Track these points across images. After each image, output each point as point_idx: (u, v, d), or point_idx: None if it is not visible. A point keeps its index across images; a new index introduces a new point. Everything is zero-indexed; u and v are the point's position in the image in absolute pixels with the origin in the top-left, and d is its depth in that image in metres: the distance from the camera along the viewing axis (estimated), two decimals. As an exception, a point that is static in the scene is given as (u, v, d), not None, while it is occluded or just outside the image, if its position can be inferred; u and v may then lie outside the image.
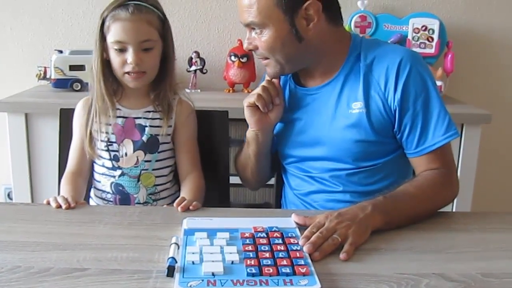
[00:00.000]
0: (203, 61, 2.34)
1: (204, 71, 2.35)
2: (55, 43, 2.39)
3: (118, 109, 1.34)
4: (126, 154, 1.33)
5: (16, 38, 2.41)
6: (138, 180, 1.34)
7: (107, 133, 1.33)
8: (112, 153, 1.34)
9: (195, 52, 2.33)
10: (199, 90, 2.34)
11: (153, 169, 1.35)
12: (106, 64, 1.31)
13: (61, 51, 2.20)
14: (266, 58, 1.22)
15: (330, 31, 1.20)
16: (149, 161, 1.34)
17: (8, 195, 2.43)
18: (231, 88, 2.35)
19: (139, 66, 1.27)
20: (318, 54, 1.21)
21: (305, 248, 0.91)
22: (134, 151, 1.33)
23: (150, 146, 1.34)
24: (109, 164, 1.34)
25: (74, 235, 0.97)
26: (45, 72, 2.26)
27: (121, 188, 1.35)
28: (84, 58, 2.16)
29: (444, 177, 1.16)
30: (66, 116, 1.43)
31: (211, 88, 2.42)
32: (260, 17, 1.15)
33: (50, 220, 1.05)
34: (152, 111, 1.35)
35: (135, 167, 1.34)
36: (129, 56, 1.26)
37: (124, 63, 1.27)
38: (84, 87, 2.16)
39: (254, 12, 1.15)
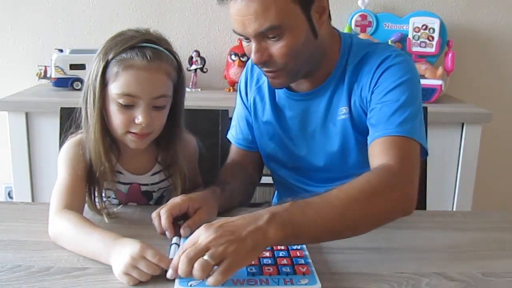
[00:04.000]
0: (203, 60, 2.34)
1: (205, 70, 2.35)
2: (56, 42, 2.38)
3: (120, 172, 1.11)
4: None
5: (16, 37, 2.41)
6: None
7: (108, 197, 1.13)
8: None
9: (196, 51, 2.33)
10: (199, 89, 2.34)
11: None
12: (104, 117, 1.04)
13: (61, 50, 2.20)
14: (279, 70, 1.08)
15: (330, 27, 1.14)
16: None
17: (9, 194, 2.43)
18: (231, 87, 2.35)
19: (148, 127, 1.02)
20: (322, 53, 1.12)
21: (167, 274, 0.78)
22: None
23: (157, 205, 1.10)
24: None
25: (74, 234, 0.97)
26: (45, 71, 2.26)
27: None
28: (84, 57, 2.16)
29: (393, 176, 0.94)
30: (66, 115, 1.42)
31: (212, 87, 2.42)
32: (280, 19, 1.00)
33: (50, 219, 1.05)
34: (159, 172, 1.14)
35: None
36: (139, 114, 1.01)
37: (130, 122, 1.02)
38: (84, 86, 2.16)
39: (272, 15, 1.00)
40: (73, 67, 2.16)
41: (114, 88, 1.01)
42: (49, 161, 1.94)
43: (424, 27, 2.27)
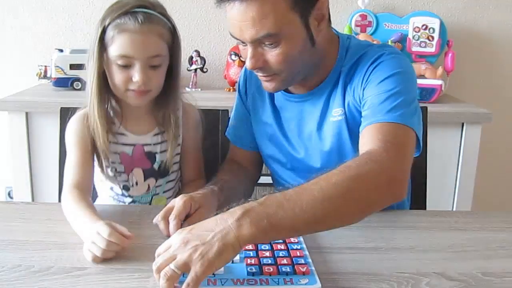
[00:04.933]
0: (203, 60, 2.34)
1: (205, 70, 2.35)
2: (56, 42, 2.39)
3: (123, 134, 1.21)
4: (136, 183, 1.24)
5: (16, 37, 2.41)
6: (150, 204, 1.27)
7: (113, 162, 1.21)
8: (122, 183, 1.24)
9: (196, 51, 2.33)
10: (199, 89, 2.34)
11: (164, 191, 1.28)
12: (103, 79, 1.15)
13: (61, 50, 2.20)
14: (273, 75, 1.07)
15: (329, 33, 1.12)
16: (160, 185, 1.26)
17: (9, 194, 2.43)
18: (231, 87, 2.35)
19: (146, 84, 1.12)
20: (319, 58, 1.11)
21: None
22: (145, 179, 1.24)
23: (161, 171, 1.25)
24: (118, 190, 1.25)
25: (74, 234, 0.97)
26: (45, 71, 2.27)
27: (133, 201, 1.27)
28: (84, 57, 2.11)
29: (375, 160, 0.89)
30: (66, 115, 1.42)
31: (212, 87, 2.42)
32: (278, 26, 0.99)
33: (50, 219, 1.05)
34: (160, 133, 1.23)
35: (146, 193, 1.26)
36: (136, 73, 1.11)
37: (129, 80, 1.12)
38: (84, 86, 2.15)
39: (269, 22, 0.98)
40: (73, 67, 2.16)
41: (112, 51, 1.11)
42: (49, 161, 1.94)
43: (424, 27, 2.27)
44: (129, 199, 1.26)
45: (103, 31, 1.12)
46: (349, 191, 0.83)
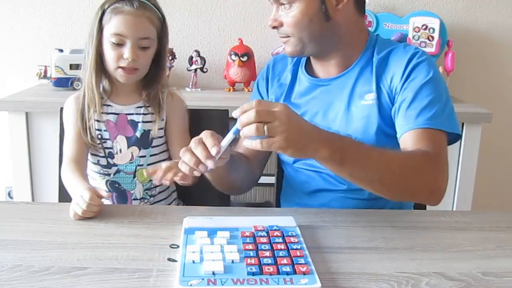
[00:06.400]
0: (203, 60, 2.34)
1: (205, 70, 2.35)
2: (56, 42, 2.39)
3: (109, 105, 1.34)
4: (120, 151, 1.34)
5: (16, 37, 2.41)
6: (134, 176, 1.35)
7: (99, 130, 1.33)
8: (107, 151, 1.34)
9: (196, 51, 2.33)
10: (199, 89, 2.34)
11: (148, 164, 1.35)
12: (100, 57, 1.30)
13: (61, 50, 2.21)
14: (286, 37, 1.20)
15: (355, 19, 1.21)
16: (144, 156, 1.35)
17: (9, 194, 2.43)
18: (231, 87, 2.35)
19: (134, 62, 1.27)
20: (340, 41, 1.21)
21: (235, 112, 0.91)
22: (128, 147, 1.34)
23: (144, 141, 1.35)
24: (104, 161, 1.35)
25: (74, 234, 0.97)
26: (45, 71, 2.27)
27: (117, 185, 1.35)
28: (84, 57, 2.16)
29: (430, 157, 1.07)
30: (66, 115, 1.43)
31: (212, 87, 2.42)
32: None
33: (50, 219, 1.05)
34: (144, 107, 1.36)
35: (130, 163, 1.34)
36: (126, 50, 1.26)
37: (120, 57, 1.27)
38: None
39: None
40: (73, 67, 2.16)
41: (108, 30, 1.27)
42: (49, 161, 1.94)
43: (424, 27, 2.28)
44: (114, 169, 1.34)
45: (102, 14, 1.27)
46: (407, 173, 1.02)
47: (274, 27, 1.21)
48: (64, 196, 1.41)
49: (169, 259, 0.87)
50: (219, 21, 2.42)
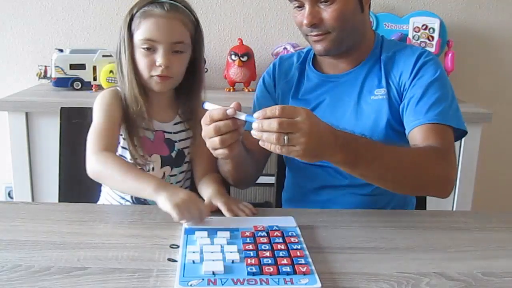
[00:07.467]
0: (203, 60, 2.33)
1: (205, 70, 2.35)
2: (56, 42, 2.39)
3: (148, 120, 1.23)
4: (153, 169, 1.24)
5: (16, 37, 2.41)
6: None
7: (135, 145, 1.21)
8: (139, 167, 1.22)
9: (196, 51, 2.33)
10: (199, 89, 2.34)
11: (177, 182, 1.28)
12: (135, 64, 1.19)
13: (61, 50, 2.21)
14: (326, 33, 1.18)
15: (369, 16, 1.26)
16: (175, 175, 1.27)
17: (9, 194, 2.43)
18: (231, 87, 2.35)
19: (167, 69, 1.16)
20: (362, 36, 1.24)
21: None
22: (161, 166, 1.25)
23: (178, 161, 1.27)
24: None
25: (74, 234, 0.97)
26: (45, 71, 2.26)
27: (142, 199, 1.23)
28: (84, 57, 2.16)
29: (440, 152, 1.09)
30: (66, 115, 1.43)
31: (212, 87, 2.42)
32: None
33: (50, 219, 1.05)
34: (180, 123, 1.27)
35: None
36: (159, 57, 1.16)
37: (152, 64, 1.17)
38: (84, 86, 2.16)
39: None
40: (73, 67, 2.16)
41: (138, 36, 1.16)
42: (49, 161, 1.94)
43: (424, 27, 2.28)
44: None
45: (131, 19, 1.17)
46: (418, 169, 1.04)
47: (312, 25, 1.17)
48: (64, 196, 1.41)
49: (169, 259, 0.87)
50: (219, 21, 2.42)
